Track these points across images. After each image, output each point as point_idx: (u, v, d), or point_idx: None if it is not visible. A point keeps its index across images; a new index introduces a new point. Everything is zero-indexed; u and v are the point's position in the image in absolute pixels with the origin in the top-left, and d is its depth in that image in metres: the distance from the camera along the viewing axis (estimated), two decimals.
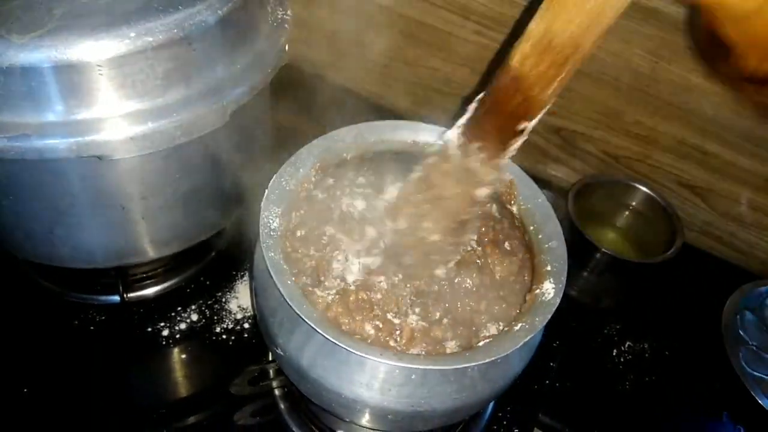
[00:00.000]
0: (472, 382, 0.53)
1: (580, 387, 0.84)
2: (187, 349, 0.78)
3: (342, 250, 0.61)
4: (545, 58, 0.40)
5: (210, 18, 0.59)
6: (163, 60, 0.57)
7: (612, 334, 0.91)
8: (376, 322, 0.55)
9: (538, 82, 0.42)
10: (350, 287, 0.57)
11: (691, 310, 0.95)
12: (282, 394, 0.75)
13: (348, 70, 1.16)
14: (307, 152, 0.63)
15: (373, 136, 0.67)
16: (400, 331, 0.54)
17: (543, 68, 0.40)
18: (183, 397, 0.75)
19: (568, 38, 0.38)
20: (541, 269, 0.57)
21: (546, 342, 0.60)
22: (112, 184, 0.63)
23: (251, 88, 0.65)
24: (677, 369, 0.88)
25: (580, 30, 0.38)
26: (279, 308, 0.56)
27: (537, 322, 0.51)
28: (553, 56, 0.40)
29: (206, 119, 0.61)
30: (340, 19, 1.09)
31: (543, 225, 0.60)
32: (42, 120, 0.55)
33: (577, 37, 0.38)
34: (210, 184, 0.71)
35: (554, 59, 0.40)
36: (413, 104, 1.14)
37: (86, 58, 0.53)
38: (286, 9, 0.73)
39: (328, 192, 0.66)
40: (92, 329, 0.78)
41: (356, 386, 0.53)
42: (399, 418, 0.54)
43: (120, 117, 0.57)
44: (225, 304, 0.83)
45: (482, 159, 0.49)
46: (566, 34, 0.38)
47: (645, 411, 0.83)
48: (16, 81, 0.53)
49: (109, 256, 0.72)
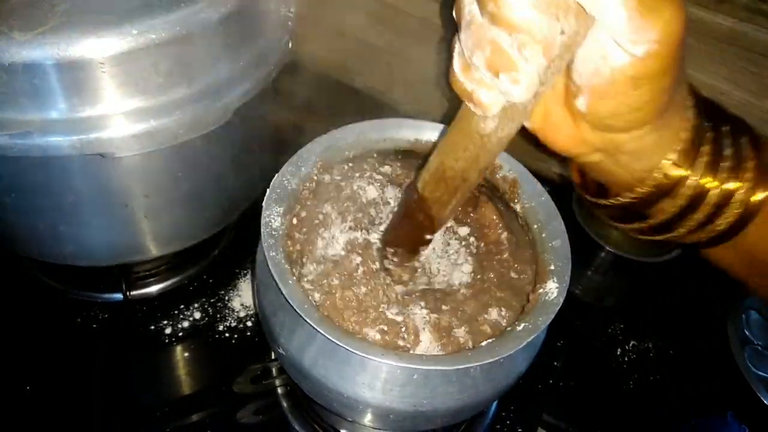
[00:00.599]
0: (474, 382, 0.53)
1: (584, 386, 0.84)
2: (189, 347, 0.78)
3: (329, 228, 0.60)
4: (440, 186, 0.46)
5: (212, 15, 0.59)
6: (166, 57, 0.57)
7: (616, 333, 0.90)
8: (382, 325, 0.54)
9: (436, 204, 0.48)
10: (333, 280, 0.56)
11: (695, 309, 0.95)
12: (285, 392, 0.74)
13: (351, 67, 1.16)
14: (309, 151, 0.63)
15: (376, 135, 0.67)
16: (405, 328, 0.54)
17: (439, 194, 0.47)
18: (185, 395, 0.75)
19: (457, 172, 0.44)
20: (544, 268, 0.56)
21: (549, 341, 0.60)
22: (114, 181, 0.63)
23: (254, 86, 0.64)
24: (682, 368, 0.88)
25: (465, 167, 0.43)
26: (280, 308, 0.56)
27: (540, 321, 0.50)
28: (446, 185, 0.46)
29: (209, 117, 0.61)
30: (344, 17, 1.09)
31: (547, 223, 0.60)
32: (45, 117, 0.55)
33: (462, 172, 0.44)
34: (213, 181, 0.71)
35: (447, 188, 0.46)
36: (417, 102, 1.14)
37: (89, 55, 0.53)
38: (289, 6, 0.73)
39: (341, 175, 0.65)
40: (95, 327, 0.78)
41: (358, 386, 0.52)
42: (401, 418, 0.54)
43: (123, 114, 0.57)
44: (228, 302, 0.83)
45: (396, 262, 0.57)
46: (454, 169, 0.44)
47: (649, 410, 0.83)
48: (19, 78, 0.53)
49: (112, 253, 0.72)
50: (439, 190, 0.47)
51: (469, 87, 0.37)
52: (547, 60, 0.34)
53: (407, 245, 0.56)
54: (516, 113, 0.38)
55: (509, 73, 0.34)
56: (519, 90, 0.34)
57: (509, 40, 0.33)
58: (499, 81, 0.35)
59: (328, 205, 0.61)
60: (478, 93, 0.37)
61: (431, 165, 0.46)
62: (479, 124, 0.39)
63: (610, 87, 0.34)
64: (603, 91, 0.35)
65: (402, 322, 0.54)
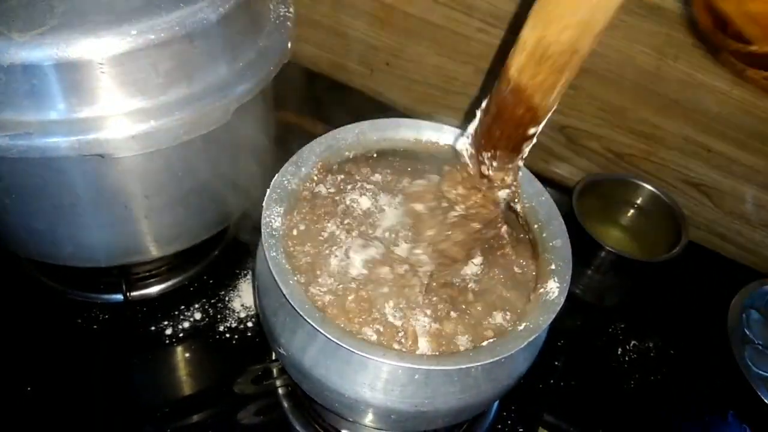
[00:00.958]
0: (476, 382, 0.53)
1: (585, 386, 0.84)
2: (190, 348, 0.78)
3: (341, 246, 0.60)
4: (543, 67, 0.39)
5: (212, 15, 0.59)
6: (165, 58, 0.57)
7: (617, 333, 0.90)
8: (377, 326, 0.54)
9: (539, 90, 0.41)
10: (350, 285, 0.56)
11: (696, 308, 0.95)
12: (285, 392, 0.74)
13: (351, 67, 1.16)
14: (309, 151, 0.63)
15: (376, 135, 0.67)
16: (404, 333, 0.54)
17: (542, 77, 0.40)
18: (186, 396, 0.75)
19: (564, 45, 0.37)
20: (545, 268, 0.56)
21: (550, 341, 0.60)
22: (114, 182, 0.63)
23: (254, 86, 0.64)
24: (682, 368, 0.88)
25: (575, 35, 0.37)
26: (281, 308, 0.56)
27: (541, 321, 0.50)
28: (551, 64, 0.39)
29: (208, 117, 0.61)
30: (343, 17, 1.09)
31: (547, 223, 0.60)
32: (44, 118, 0.55)
33: (573, 42, 0.37)
34: (212, 182, 0.71)
35: (552, 67, 0.39)
36: (417, 102, 1.14)
37: (88, 56, 0.53)
38: (288, 6, 0.73)
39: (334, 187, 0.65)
40: (95, 328, 0.78)
41: (359, 386, 0.52)
42: (402, 418, 0.54)
43: (122, 115, 0.57)
44: (228, 302, 0.82)
45: (496, 166, 0.49)
46: (561, 41, 0.37)
47: (650, 410, 0.83)
48: (18, 79, 0.53)
49: (112, 254, 0.71)
50: (541, 73, 0.40)
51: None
52: None
53: (507, 145, 0.47)
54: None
55: None
56: None
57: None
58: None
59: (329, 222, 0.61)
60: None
61: (527, 44, 0.39)
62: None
63: None
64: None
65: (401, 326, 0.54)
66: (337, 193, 0.64)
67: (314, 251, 0.59)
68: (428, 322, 0.54)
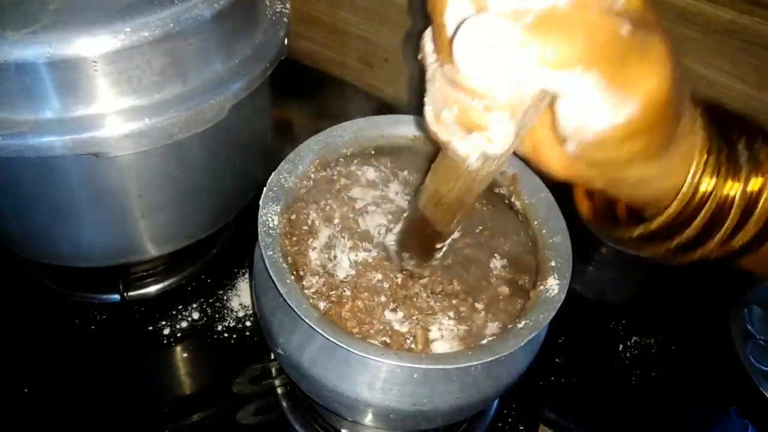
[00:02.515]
0: (475, 381, 0.52)
1: (586, 383, 0.83)
2: (188, 348, 0.78)
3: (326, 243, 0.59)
4: (438, 209, 0.46)
5: (206, 12, 0.58)
6: (160, 55, 0.56)
7: (618, 330, 0.90)
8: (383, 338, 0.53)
9: (439, 222, 0.48)
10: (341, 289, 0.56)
11: (697, 304, 0.94)
12: (284, 392, 0.74)
13: (349, 64, 1.16)
14: (306, 148, 0.62)
15: (373, 132, 0.66)
16: (413, 338, 0.53)
17: (439, 215, 0.47)
18: (185, 396, 0.75)
19: (452, 200, 0.44)
20: (545, 265, 0.56)
21: (551, 338, 0.59)
22: (110, 181, 0.63)
23: (249, 83, 0.64)
24: (684, 364, 0.88)
25: (458, 195, 0.43)
26: (279, 308, 0.55)
27: (541, 318, 0.50)
28: (444, 209, 0.46)
29: (204, 115, 0.60)
30: (341, 13, 1.08)
31: (547, 219, 0.59)
32: (38, 117, 0.54)
33: (457, 199, 0.44)
34: (209, 180, 0.71)
35: (445, 211, 0.46)
36: (414, 99, 1.13)
37: (81, 53, 0.53)
38: (285, 2, 0.72)
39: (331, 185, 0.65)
40: (93, 328, 0.78)
41: (358, 386, 0.52)
42: (401, 417, 0.54)
43: (116, 113, 0.56)
44: (226, 302, 0.82)
45: (413, 264, 0.57)
46: (449, 197, 0.44)
47: (652, 406, 0.83)
48: (11, 78, 0.52)
49: (109, 254, 0.71)
50: (438, 212, 0.47)
51: (443, 137, 0.35)
52: (518, 120, 0.31)
53: (420, 252, 0.56)
54: (495, 158, 0.36)
55: (481, 132, 0.32)
56: (494, 146, 0.32)
57: (475, 102, 0.31)
58: (472, 137, 0.33)
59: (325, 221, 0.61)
60: (454, 143, 0.34)
61: (428, 190, 0.46)
62: (464, 163, 0.37)
63: (598, 144, 0.32)
64: (591, 145, 0.32)
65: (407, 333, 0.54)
66: (334, 191, 0.63)
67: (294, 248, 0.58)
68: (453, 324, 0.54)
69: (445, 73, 0.31)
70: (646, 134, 0.32)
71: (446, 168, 0.42)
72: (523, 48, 0.27)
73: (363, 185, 0.65)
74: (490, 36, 0.27)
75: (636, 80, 0.29)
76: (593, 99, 0.29)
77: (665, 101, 0.30)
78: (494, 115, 0.31)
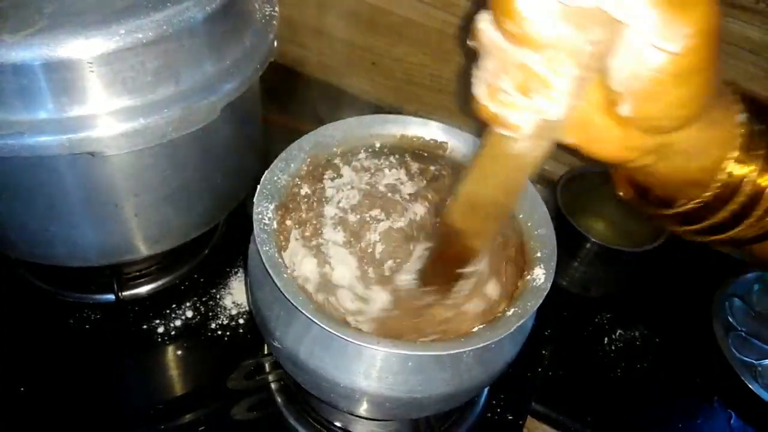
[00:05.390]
0: (467, 368, 0.54)
1: (573, 375, 0.85)
2: (182, 346, 0.79)
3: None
4: (474, 216, 0.46)
5: (198, 15, 0.59)
6: (153, 56, 0.58)
7: (603, 323, 0.92)
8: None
9: (472, 234, 0.47)
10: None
11: (680, 297, 0.97)
12: (278, 387, 0.75)
13: (337, 68, 1.17)
14: (297, 147, 0.63)
15: (363, 131, 0.68)
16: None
17: (473, 224, 0.46)
18: (179, 394, 0.76)
19: (490, 199, 0.44)
20: (531, 256, 0.57)
21: (538, 331, 0.61)
22: (104, 181, 0.64)
23: (241, 84, 0.65)
24: (668, 356, 0.90)
25: (498, 193, 0.43)
26: (275, 302, 0.57)
27: (529, 306, 0.52)
28: (480, 214, 0.45)
29: (197, 115, 0.61)
30: (328, 18, 1.10)
31: (532, 212, 0.61)
32: (35, 117, 0.55)
33: (495, 198, 0.43)
34: (202, 179, 0.71)
35: (481, 217, 0.46)
36: (402, 101, 1.15)
37: (77, 55, 0.54)
38: (273, 5, 0.74)
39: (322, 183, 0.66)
40: (88, 328, 0.79)
41: (354, 375, 0.53)
42: (396, 405, 0.55)
43: (111, 113, 0.57)
44: (219, 300, 0.83)
45: (436, 299, 0.55)
46: (487, 196, 0.43)
47: (637, 397, 0.84)
48: (8, 79, 0.53)
49: (103, 254, 0.72)
50: (473, 220, 0.46)
51: (496, 110, 0.35)
52: (580, 71, 0.32)
53: (447, 280, 0.54)
54: (548, 131, 0.36)
55: (543, 92, 0.33)
56: (556, 107, 0.34)
57: (537, 58, 0.32)
58: (532, 101, 0.34)
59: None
60: (506, 115, 0.35)
61: (460, 196, 0.45)
62: (510, 146, 0.37)
63: (653, 88, 0.33)
64: (646, 93, 0.33)
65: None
66: (322, 191, 0.65)
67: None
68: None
69: (510, 29, 0.31)
70: (697, 74, 0.33)
71: (488, 160, 0.41)
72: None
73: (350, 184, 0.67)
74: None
75: (686, 2, 0.30)
76: (649, 22, 0.30)
77: (714, 32, 0.31)
78: (557, 68, 0.32)
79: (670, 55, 0.31)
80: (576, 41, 0.31)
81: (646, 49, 0.31)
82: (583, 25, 0.30)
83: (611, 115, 0.36)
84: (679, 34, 0.30)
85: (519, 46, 0.32)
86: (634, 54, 0.32)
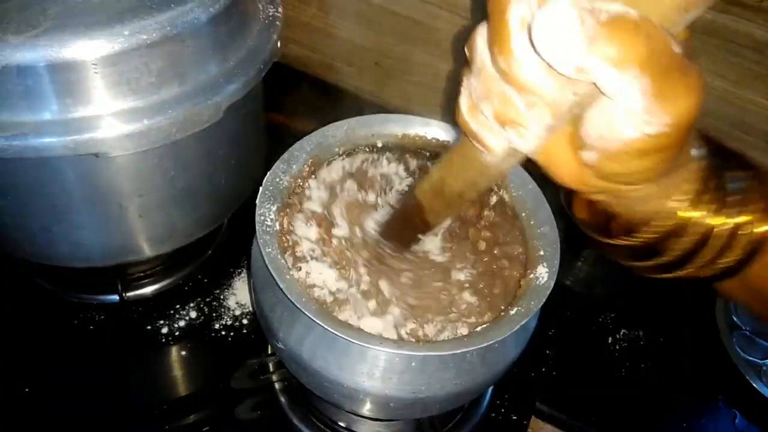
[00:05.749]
0: (471, 367, 0.54)
1: (577, 374, 0.85)
2: (186, 346, 0.79)
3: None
4: (437, 198, 0.48)
5: (202, 16, 0.60)
6: (157, 57, 0.58)
7: (607, 322, 0.92)
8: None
9: (431, 212, 0.50)
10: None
11: (684, 296, 0.96)
12: (282, 387, 0.75)
13: (340, 68, 1.17)
14: (299, 148, 0.63)
15: (364, 130, 0.68)
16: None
17: (435, 205, 0.49)
18: (184, 394, 0.76)
19: (455, 191, 0.45)
20: (534, 254, 0.57)
21: (542, 330, 0.61)
22: (108, 182, 0.64)
23: (244, 84, 0.65)
24: (672, 355, 0.89)
25: (463, 187, 0.45)
26: (278, 303, 0.57)
27: (532, 305, 0.52)
28: (443, 199, 0.47)
29: (201, 116, 0.61)
30: (331, 18, 1.10)
31: (535, 211, 0.61)
32: (39, 119, 0.55)
33: (460, 191, 0.45)
34: (206, 180, 0.72)
35: (443, 201, 0.48)
36: (404, 100, 1.15)
37: (81, 56, 0.54)
38: (277, 6, 0.74)
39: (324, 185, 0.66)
40: (92, 328, 0.79)
41: (357, 376, 0.53)
42: (400, 405, 0.55)
43: (116, 114, 0.57)
44: (223, 301, 0.83)
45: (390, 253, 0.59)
46: (453, 188, 0.45)
47: (641, 397, 0.84)
48: (13, 80, 0.53)
49: (107, 254, 0.72)
50: (435, 202, 0.48)
51: (474, 128, 0.37)
52: (555, 120, 0.33)
53: (401, 240, 0.58)
54: (519, 153, 0.38)
55: (516, 128, 0.34)
56: (524, 143, 0.34)
57: (519, 98, 0.33)
58: (504, 131, 0.34)
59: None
60: (483, 135, 0.37)
61: (432, 177, 0.47)
62: (483, 156, 0.39)
63: (618, 153, 0.33)
64: (610, 154, 0.34)
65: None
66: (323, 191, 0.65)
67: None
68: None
69: (499, 64, 0.32)
70: (664, 152, 0.34)
71: (461, 158, 0.43)
72: (594, 41, 0.28)
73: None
74: (570, 23, 0.28)
75: (675, 96, 0.30)
76: (635, 104, 0.30)
77: (691, 123, 0.32)
78: (534, 112, 0.33)
79: (642, 134, 0.31)
80: (559, 92, 0.32)
81: (621, 121, 0.31)
82: (571, 81, 0.31)
83: (574, 151, 0.36)
84: (659, 122, 0.31)
85: (505, 82, 0.32)
86: (609, 120, 0.32)
